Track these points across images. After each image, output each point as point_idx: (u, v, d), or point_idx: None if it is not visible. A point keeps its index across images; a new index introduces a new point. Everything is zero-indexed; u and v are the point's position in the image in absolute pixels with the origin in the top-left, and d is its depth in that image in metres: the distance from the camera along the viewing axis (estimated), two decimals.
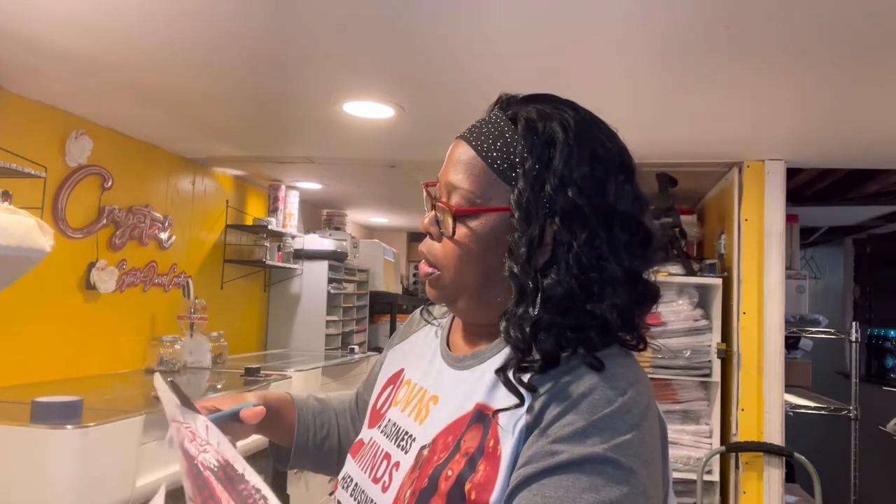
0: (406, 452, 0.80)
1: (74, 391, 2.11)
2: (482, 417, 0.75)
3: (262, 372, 2.96)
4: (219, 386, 2.76)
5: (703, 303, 3.09)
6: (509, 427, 0.71)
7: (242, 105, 2.50)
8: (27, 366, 2.44)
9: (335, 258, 4.35)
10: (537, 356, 0.71)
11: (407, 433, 0.82)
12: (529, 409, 0.71)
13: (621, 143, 0.82)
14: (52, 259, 1.98)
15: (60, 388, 2.31)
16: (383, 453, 0.83)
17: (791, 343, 3.49)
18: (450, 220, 0.78)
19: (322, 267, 4.26)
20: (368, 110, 2.43)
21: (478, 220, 0.77)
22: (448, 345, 0.89)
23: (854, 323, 3.19)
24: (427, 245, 0.82)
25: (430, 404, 0.82)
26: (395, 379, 0.94)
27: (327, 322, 4.28)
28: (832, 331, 3.34)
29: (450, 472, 0.73)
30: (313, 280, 4.28)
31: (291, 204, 4.09)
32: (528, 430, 0.70)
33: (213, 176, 3.64)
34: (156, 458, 2.06)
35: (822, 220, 4.46)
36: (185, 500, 0.72)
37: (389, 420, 0.87)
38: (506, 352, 0.77)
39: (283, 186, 4.02)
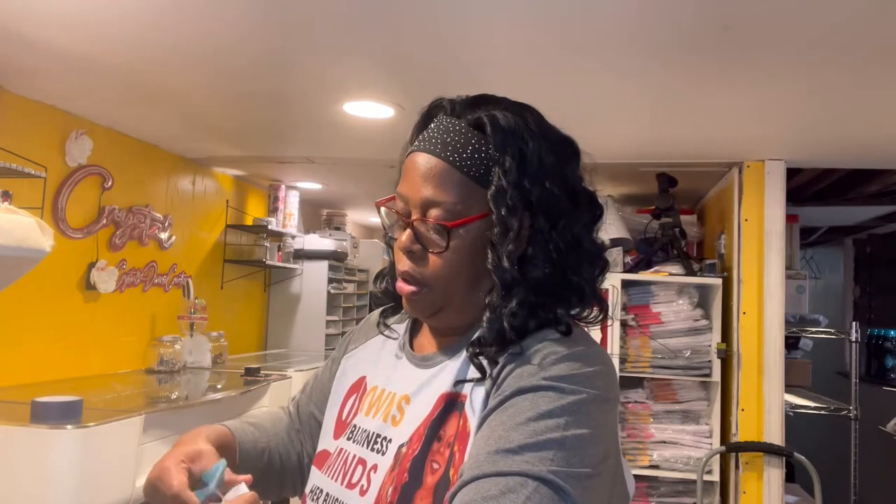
0: (383, 454, 0.80)
1: (74, 391, 2.12)
2: (455, 405, 0.78)
3: (262, 372, 2.96)
4: (219, 386, 2.76)
5: (703, 303, 3.09)
6: (476, 403, 0.76)
7: (243, 105, 2.50)
8: (27, 366, 2.44)
9: (335, 258, 4.34)
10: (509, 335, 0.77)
11: (380, 436, 0.82)
12: (491, 378, 0.76)
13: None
14: (52, 259, 1.99)
15: (60, 388, 2.31)
16: (356, 459, 0.83)
17: (791, 343, 3.49)
18: (439, 236, 0.78)
19: (322, 267, 4.26)
20: (368, 110, 2.43)
21: (463, 229, 0.78)
22: (412, 347, 0.91)
23: (854, 323, 3.19)
24: (409, 265, 0.81)
25: (402, 404, 0.83)
26: (358, 387, 0.93)
27: (327, 322, 4.28)
28: (832, 331, 3.34)
29: (436, 465, 0.74)
30: (313, 280, 4.28)
31: (291, 204, 4.09)
32: (487, 396, 0.74)
33: (213, 176, 3.64)
34: (156, 458, 2.06)
35: (822, 220, 4.45)
36: None
37: (357, 427, 0.87)
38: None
39: (283, 186, 4.02)
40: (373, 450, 0.81)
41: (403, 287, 0.81)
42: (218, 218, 3.69)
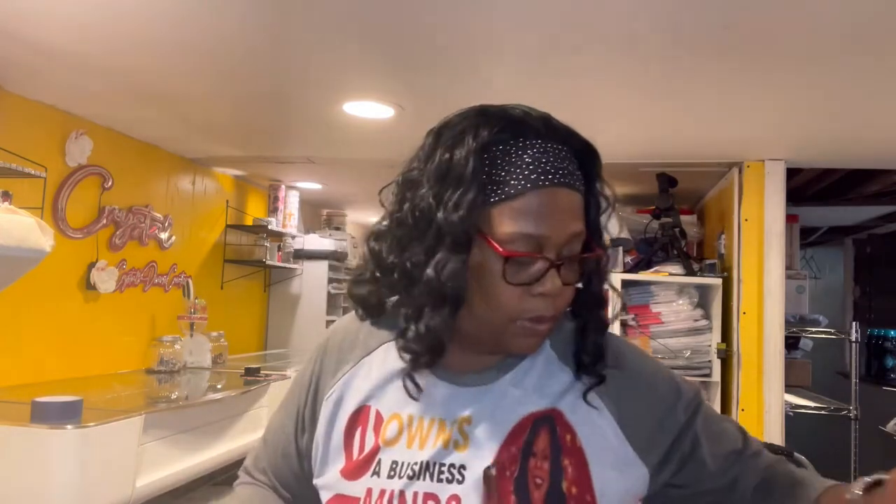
0: (461, 482, 0.75)
1: (74, 391, 2.11)
2: (546, 419, 0.77)
3: (262, 372, 2.96)
4: (219, 386, 2.76)
5: (703, 303, 3.09)
6: (583, 420, 0.78)
7: (242, 105, 2.50)
8: (27, 366, 2.44)
9: (335, 258, 4.35)
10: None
11: (444, 465, 0.76)
12: (602, 402, 0.79)
13: None
14: (52, 259, 1.99)
15: (60, 388, 2.31)
16: (419, 496, 0.75)
17: (791, 343, 3.48)
18: (578, 268, 0.77)
19: (322, 267, 4.26)
20: (368, 110, 2.43)
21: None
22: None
23: (854, 323, 3.19)
24: (557, 305, 0.75)
25: (464, 427, 0.77)
26: (363, 418, 0.83)
27: (327, 322, 4.28)
28: (832, 331, 3.34)
29: (539, 480, 0.74)
30: (313, 280, 4.28)
31: (291, 204, 4.09)
32: (620, 421, 0.79)
33: (213, 176, 3.64)
34: (156, 458, 2.06)
35: (822, 220, 4.45)
36: (185, 500, 0.72)
37: (394, 462, 0.78)
38: (537, 356, 0.81)
39: (283, 186, 4.02)
40: (441, 480, 0.75)
41: (541, 327, 0.76)
42: (218, 218, 3.68)
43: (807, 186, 3.55)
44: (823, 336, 3.33)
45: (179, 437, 2.20)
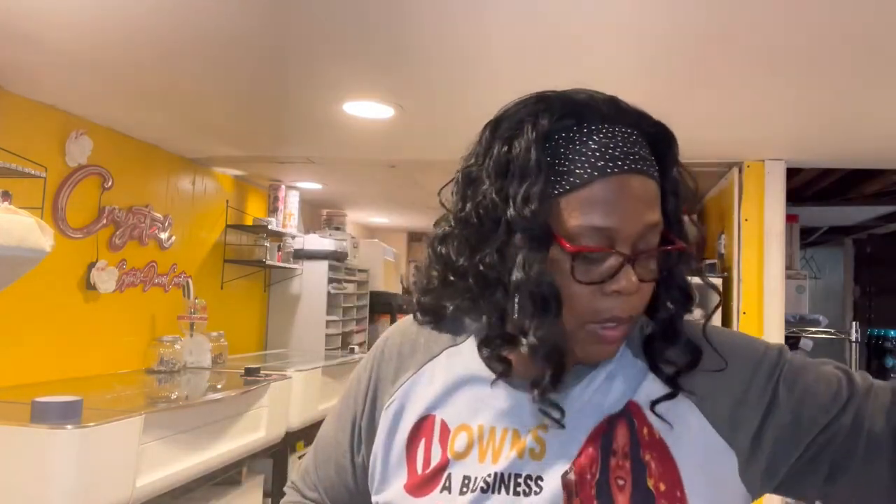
0: (539, 493, 0.70)
1: (74, 391, 2.11)
2: (623, 413, 0.72)
3: (262, 372, 2.96)
4: (219, 386, 2.76)
5: (703, 303, 3.08)
6: (661, 409, 0.72)
7: (242, 105, 2.50)
8: (27, 366, 2.44)
9: (335, 258, 4.35)
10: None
11: (520, 475, 0.71)
12: (691, 394, 0.72)
13: None
14: (52, 259, 1.98)
15: (60, 388, 2.31)
16: None
17: (791, 343, 3.48)
18: (654, 263, 0.71)
19: (322, 267, 4.26)
20: (368, 110, 2.43)
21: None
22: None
23: (854, 323, 3.19)
24: (633, 305, 0.70)
25: (539, 434, 0.73)
26: (426, 429, 0.78)
27: (327, 322, 4.28)
28: (832, 331, 3.34)
29: (621, 481, 0.69)
30: (313, 280, 4.28)
31: (291, 204, 4.09)
32: (700, 405, 0.72)
33: (213, 176, 3.64)
34: (156, 458, 2.06)
35: (822, 220, 4.45)
36: (185, 500, 0.71)
37: (466, 477, 0.73)
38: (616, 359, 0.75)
39: (283, 186, 4.02)
40: (517, 493, 0.70)
41: (616, 333, 0.70)
42: (218, 218, 3.68)
43: (807, 186, 3.55)
44: (823, 336, 3.33)
45: (179, 437, 2.20)
